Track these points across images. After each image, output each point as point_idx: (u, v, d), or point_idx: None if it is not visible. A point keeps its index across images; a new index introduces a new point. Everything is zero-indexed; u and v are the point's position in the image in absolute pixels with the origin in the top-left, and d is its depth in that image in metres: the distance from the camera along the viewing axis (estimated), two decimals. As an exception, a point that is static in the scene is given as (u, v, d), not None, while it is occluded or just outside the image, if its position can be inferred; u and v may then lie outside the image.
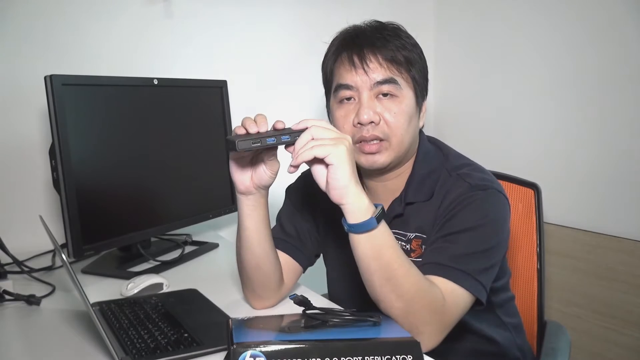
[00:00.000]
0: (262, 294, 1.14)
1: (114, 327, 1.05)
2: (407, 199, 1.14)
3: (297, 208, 1.26)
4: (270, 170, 1.02)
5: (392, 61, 1.09)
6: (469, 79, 2.29)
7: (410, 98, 1.11)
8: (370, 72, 1.08)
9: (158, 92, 1.54)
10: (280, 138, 0.95)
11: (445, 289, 0.98)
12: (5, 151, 1.61)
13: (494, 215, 1.07)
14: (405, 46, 1.11)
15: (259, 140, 0.93)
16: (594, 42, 1.79)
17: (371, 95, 1.09)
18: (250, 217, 1.06)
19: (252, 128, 0.96)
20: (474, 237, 1.03)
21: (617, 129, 1.76)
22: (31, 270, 1.42)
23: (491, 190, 1.08)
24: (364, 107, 1.07)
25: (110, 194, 1.42)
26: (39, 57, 1.61)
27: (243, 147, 0.93)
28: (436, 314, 0.96)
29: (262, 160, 1.02)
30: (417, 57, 1.13)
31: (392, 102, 1.09)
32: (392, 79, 1.08)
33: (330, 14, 2.09)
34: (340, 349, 0.81)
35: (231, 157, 1.03)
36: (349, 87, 1.10)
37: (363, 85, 1.08)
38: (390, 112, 1.08)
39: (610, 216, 1.78)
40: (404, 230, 1.14)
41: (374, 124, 1.08)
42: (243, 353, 0.80)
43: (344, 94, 1.11)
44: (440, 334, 0.98)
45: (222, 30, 1.93)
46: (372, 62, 1.08)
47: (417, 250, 1.11)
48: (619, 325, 1.70)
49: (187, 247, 1.64)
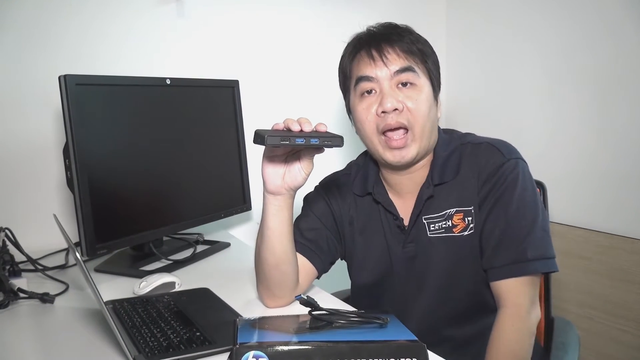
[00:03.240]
0: (278, 293, 1.14)
1: (126, 325, 1.06)
2: (434, 181, 1.16)
3: (318, 216, 1.26)
4: (305, 170, 1.04)
5: (409, 52, 1.13)
6: (478, 79, 2.28)
7: (428, 87, 1.16)
8: (389, 62, 1.12)
9: (170, 91, 1.55)
10: (310, 140, 0.96)
11: (527, 288, 1.07)
12: (20, 150, 1.62)
13: (532, 183, 1.13)
14: (419, 40, 1.17)
15: (288, 138, 0.94)
16: (605, 39, 1.78)
17: (392, 85, 1.13)
18: (276, 217, 1.08)
19: (294, 126, 0.98)
20: (530, 208, 1.10)
21: (630, 128, 1.74)
22: (45, 268, 1.43)
23: (517, 160, 1.13)
24: (386, 95, 1.11)
25: (123, 194, 1.43)
26: (53, 57, 1.63)
27: (272, 142, 0.94)
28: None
29: (298, 159, 1.04)
30: (429, 50, 1.18)
31: (412, 90, 1.13)
32: (410, 67, 1.13)
33: (343, 15, 2.10)
34: (344, 351, 0.81)
35: (264, 154, 1.05)
36: (369, 78, 1.14)
37: (383, 76, 1.12)
38: (412, 99, 1.12)
39: (623, 217, 1.77)
40: (440, 210, 1.16)
41: (398, 111, 1.11)
42: (246, 353, 0.80)
43: (365, 87, 1.14)
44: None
45: (235, 30, 1.93)
46: (390, 53, 1.13)
47: (459, 224, 1.14)
48: (631, 327, 1.69)
49: (199, 246, 1.64)
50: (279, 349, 0.80)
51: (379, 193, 1.22)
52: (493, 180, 1.11)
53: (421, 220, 1.17)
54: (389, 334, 0.87)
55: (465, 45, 2.34)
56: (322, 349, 0.81)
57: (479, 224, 1.12)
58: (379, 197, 1.22)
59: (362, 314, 0.92)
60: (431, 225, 1.16)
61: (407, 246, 1.19)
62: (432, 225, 1.16)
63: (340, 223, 1.27)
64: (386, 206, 1.21)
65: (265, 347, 0.80)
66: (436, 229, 1.15)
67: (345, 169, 1.34)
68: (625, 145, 1.75)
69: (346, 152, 1.95)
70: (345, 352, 0.81)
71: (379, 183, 1.24)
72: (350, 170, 1.31)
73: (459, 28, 2.36)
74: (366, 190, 1.24)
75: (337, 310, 0.94)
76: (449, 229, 1.14)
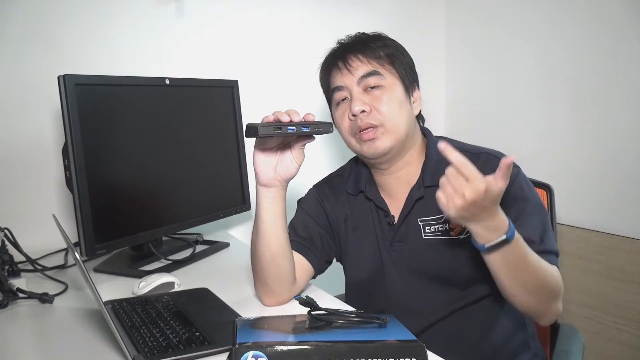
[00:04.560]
0: (276, 288, 1.15)
1: (126, 325, 1.06)
2: (425, 182, 1.19)
3: (311, 215, 1.28)
4: (297, 160, 1.08)
5: (373, 57, 1.20)
6: (478, 79, 2.29)
7: (398, 86, 1.20)
8: (353, 70, 1.19)
9: (170, 91, 1.55)
10: (300, 128, 1.01)
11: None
12: (19, 150, 1.62)
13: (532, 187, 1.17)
14: (385, 45, 1.22)
15: (280, 127, 0.99)
16: (608, 39, 1.78)
17: (360, 90, 1.19)
18: (269, 209, 1.10)
19: (283, 117, 1.01)
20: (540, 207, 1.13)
21: (631, 129, 1.74)
22: (44, 268, 1.43)
23: (518, 168, 1.18)
24: (354, 99, 1.18)
25: (122, 193, 1.43)
26: (52, 57, 1.62)
27: (264, 132, 0.97)
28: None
29: (289, 150, 1.08)
30: (398, 52, 1.23)
31: (380, 91, 1.18)
32: (375, 71, 1.19)
33: (342, 15, 2.10)
34: (343, 351, 0.81)
35: (256, 146, 1.08)
36: (340, 88, 1.21)
37: (350, 83, 1.19)
38: (379, 100, 1.17)
39: (623, 217, 1.77)
40: (436, 213, 1.17)
41: (366, 113, 1.16)
42: (245, 353, 0.80)
43: (339, 96, 1.22)
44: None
45: (234, 30, 1.93)
46: (354, 61, 1.20)
47: (456, 227, 1.15)
48: (631, 327, 1.69)
49: (198, 246, 1.64)
50: (278, 349, 0.80)
51: (370, 191, 1.26)
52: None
53: (415, 221, 1.19)
54: (388, 334, 0.87)
55: (464, 45, 2.34)
56: (321, 349, 0.81)
57: None
58: (370, 194, 1.25)
59: (361, 314, 0.93)
60: (427, 228, 1.18)
61: (394, 244, 1.21)
62: (427, 227, 1.18)
63: (334, 222, 1.29)
64: (377, 203, 1.24)
65: (265, 347, 0.80)
66: (432, 231, 1.18)
67: (338, 170, 1.37)
68: (625, 145, 1.76)
69: (343, 153, 1.96)
70: (345, 352, 0.81)
71: (371, 182, 1.27)
72: (344, 172, 1.34)
73: (459, 29, 2.36)
74: (359, 188, 1.27)
75: (337, 310, 0.94)
76: (446, 231, 1.16)
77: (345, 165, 1.36)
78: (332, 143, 2.02)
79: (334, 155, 2.04)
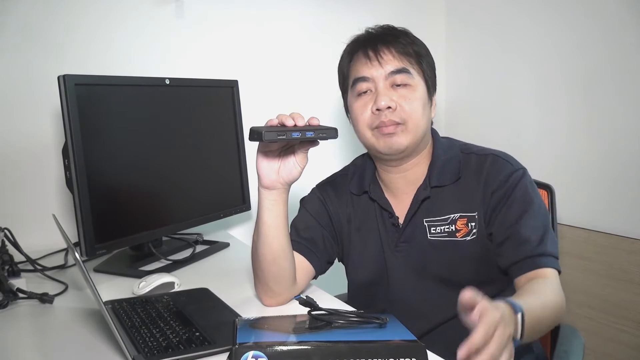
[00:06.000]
0: (276, 289, 1.15)
1: (126, 325, 1.06)
2: (432, 183, 1.19)
3: (314, 216, 1.28)
4: (300, 164, 1.07)
5: (404, 54, 1.17)
6: (478, 80, 2.28)
7: (423, 87, 1.19)
8: (385, 63, 1.16)
9: (170, 91, 1.55)
10: (305, 134, 0.99)
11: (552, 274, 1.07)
12: (19, 150, 1.62)
13: (537, 191, 1.17)
14: (414, 42, 1.20)
15: (284, 132, 0.97)
16: (606, 40, 1.78)
17: (387, 85, 1.16)
18: (271, 211, 1.09)
19: (288, 121, 1.00)
20: (543, 210, 1.14)
21: (630, 129, 1.74)
22: (44, 268, 1.43)
23: (524, 170, 1.17)
24: (381, 94, 1.15)
25: (122, 194, 1.43)
26: (51, 57, 1.62)
27: (269, 137, 0.96)
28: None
29: (293, 153, 1.07)
30: (425, 52, 1.21)
31: (406, 90, 1.16)
32: (405, 69, 1.16)
33: (342, 15, 2.10)
34: (344, 351, 0.81)
35: (259, 149, 1.07)
36: (365, 79, 1.17)
37: (379, 76, 1.16)
38: (406, 99, 1.15)
39: (622, 217, 1.77)
40: (443, 213, 1.17)
41: (391, 109, 1.14)
42: (245, 353, 0.80)
43: (362, 87, 1.18)
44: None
45: (234, 30, 1.93)
46: (385, 54, 1.16)
47: (462, 229, 1.15)
48: (632, 327, 1.69)
49: (198, 246, 1.64)
50: (278, 349, 0.80)
51: (374, 191, 1.25)
52: (505, 186, 1.13)
53: (421, 222, 1.18)
54: (388, 334, 0.87)
55: (464, 46, 2.34)
56: (321, 349, 0.81)
57: (481, 230, 1.14)
58: (374, 195, 1.24)
59: (361, 314, 0.92)
60: (432, 229, 1.18)
61: (399, 245, 1.21)
62: (433, 228, 1.18)
63: (336, 222, 1.28)
64: (381, 204, 1.23)
65: (265, 347, 0.80)
66: (438, 232, 1.17)
67: (342, 170, 1.36)
68: (625, 145, 1.75)
69: (346, 153, 1.96)
70: (345, 352, 0.81)
71: (375, 182, 1.27)
72: (347, 171, 1.33)
73: (459, 30, 2.36)
74: (363, 189, 1.26)
75: (337, 310, 0.94)
76: (452, 233, 1.16)
77: (349, 165, 1.36)
78: (337, 142, 2.01)
79: (338, 154, 2.04)
